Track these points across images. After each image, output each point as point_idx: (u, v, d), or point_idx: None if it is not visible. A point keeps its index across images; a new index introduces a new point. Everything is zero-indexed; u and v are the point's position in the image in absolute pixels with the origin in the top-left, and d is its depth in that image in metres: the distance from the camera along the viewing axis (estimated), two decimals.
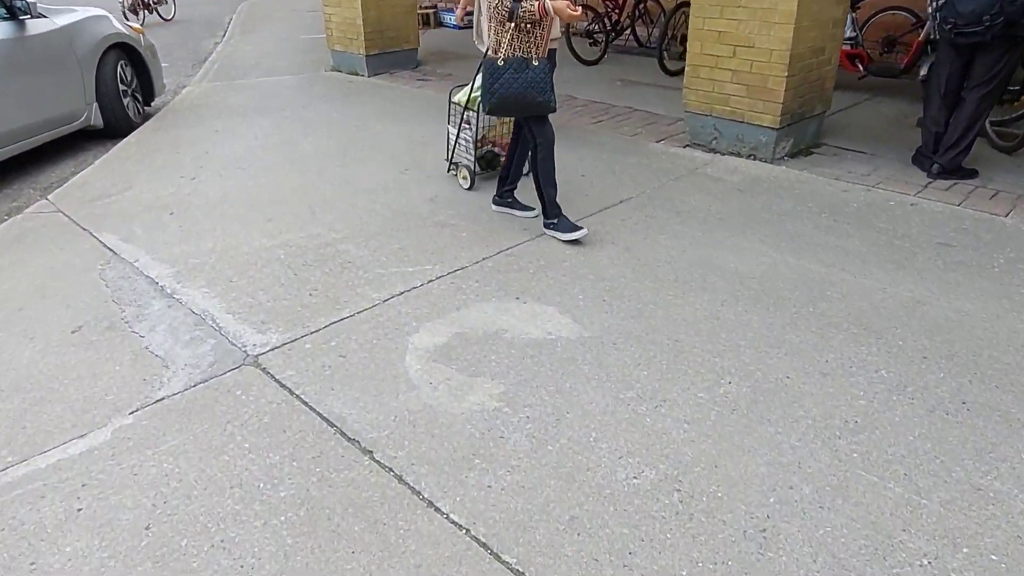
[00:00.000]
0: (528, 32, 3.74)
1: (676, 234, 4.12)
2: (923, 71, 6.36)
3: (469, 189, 4.84)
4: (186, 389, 2.86)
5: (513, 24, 3.69)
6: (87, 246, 4.18)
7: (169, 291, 3.61)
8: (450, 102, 4.90)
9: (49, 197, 5.02)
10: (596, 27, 8.83)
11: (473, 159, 4.79)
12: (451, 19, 11.95)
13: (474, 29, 6.12)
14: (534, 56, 3.80)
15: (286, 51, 10.56)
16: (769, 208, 4.49)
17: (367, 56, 8.49)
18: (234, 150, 5.88)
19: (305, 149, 5.85)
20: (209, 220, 4.48)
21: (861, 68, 6.83)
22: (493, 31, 3.82)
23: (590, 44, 8.89)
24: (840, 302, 3.40)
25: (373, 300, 3.48)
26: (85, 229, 4.42)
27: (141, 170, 5.47)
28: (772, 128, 5.11)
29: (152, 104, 7.47)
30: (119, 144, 6.20)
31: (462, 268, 3.78)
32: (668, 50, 8.01)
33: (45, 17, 6.01)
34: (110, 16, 6.95)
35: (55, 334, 3.27)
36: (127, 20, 17.35)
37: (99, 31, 6.52)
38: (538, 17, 3.67)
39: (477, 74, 4.35)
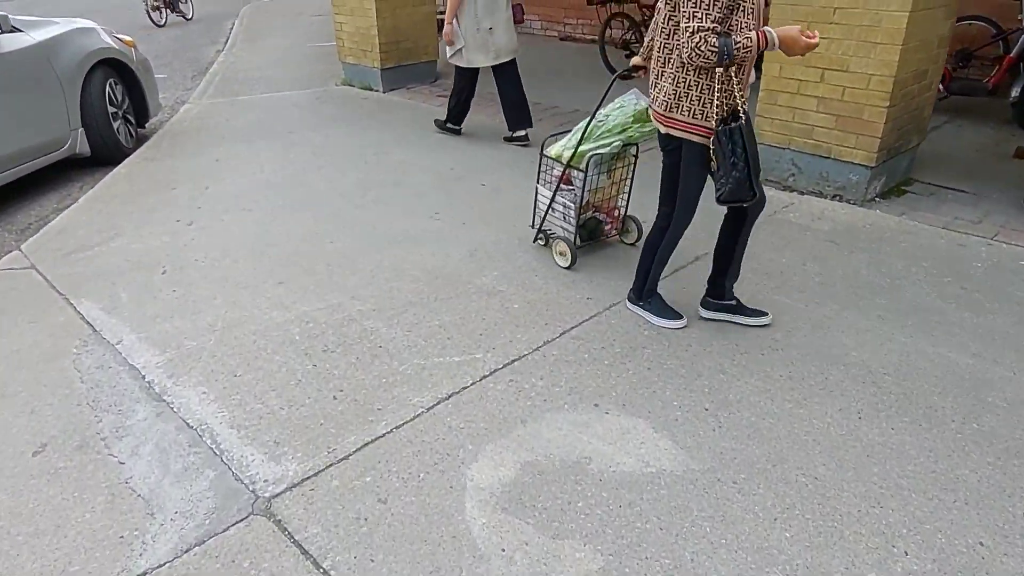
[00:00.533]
0: (731, 77, 2.71)
1: (773, 306, 3.40)
2: (1015, 92, 5.64)
3: (568, 268, 3.81)
4: (175, 557, 2.15)
5: (723, 68, 2.67)
6: (62, 319, 3.47)
7: (158, 390, 2.90)
8: (542, 155, 3.87)
9: (23, 247, 4.32)
10: (632, 36, 8.10)
11: (574, 229, 3.81)
12: None
13: (455, 33, 5.36)
14: (740, 107, 2.75)
15: (292, 61, 9.85)
16: (878, 269, 3.77)
17: (382, 70, 7.78)
18: (237, 185, 5.17)
19: (317, 185, 5.14)
20: (208, 282, 3.77)
21: (941, 88, 6.10)
22: (689, 81, 2.76)
23: (626, 56, 8.16)
24: (1007, 413, 2.68)
25: (415, 407, 2.76)
26: (61, 294, 3.71)
27: (130, 212, 4.76)
28: (865, 166, 4.39)
29: (146, 126, 6.78)
30: (107, 177, 5.50)
31: (520, 357, 3.07)
32: None
33: (20, 31, 5.31)
34: (97, 28, 6.25)
35: (11, 458, 2.57)
36: (150, 19, 16.82)
37: (84, 46, 5.82)
38: (757, 53, 2.67)
39: (587, 124, 3.65)
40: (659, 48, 2.88)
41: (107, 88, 5.98)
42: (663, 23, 2.82)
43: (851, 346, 3.11)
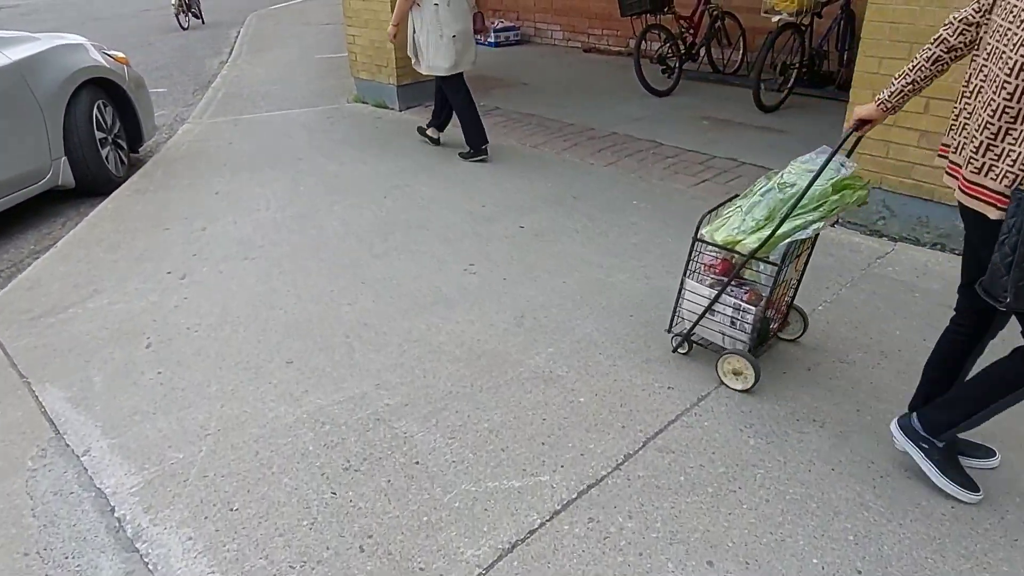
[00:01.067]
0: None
1: (904, 405, 2.68)
2: None
3: (747, 391, 2.79)
4: None
5: None
6: (19, 414, 2.78)
7: (130, 532, 2.21)
8: (696, 239, 2.82)
9: None
10: (669, 50, 7.39)
11: (748, 339, 2.77)
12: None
13: (409, 46, 5.26)
14: None
15: (300, 75, 9.16)
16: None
17: (399, 87, 7.09)
18: (238, 226, 4.48)
19: (331, 226, 4.44)
20: (201, 360, 3.08)
21: None
22: (997, 131, 1.90)
23: (662, 71, 7.46)
24: None
25: (469, 566, 2.06)
26: (23, 376, 3.02)
27: (115, 260, 4.07)
28: None
29: (140, 150, 6.09)
30: (92, 214, 4.82)
31: (598, 481, 2.37)
32: (765, 81, 6.56)
33: None
34: (85, 44, 5.58)
35: None
36: (178, 23, 16.19)
37: (68, 64, 5.14)
38: None
39: (755, 193, 2.70)
40: (1000, 91, 1.88)
41: (95, 111, 5.30)
42: (1012, 51, 1.86)
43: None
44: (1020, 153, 1.85)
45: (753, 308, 2.72)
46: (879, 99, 2.27)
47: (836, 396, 2.76)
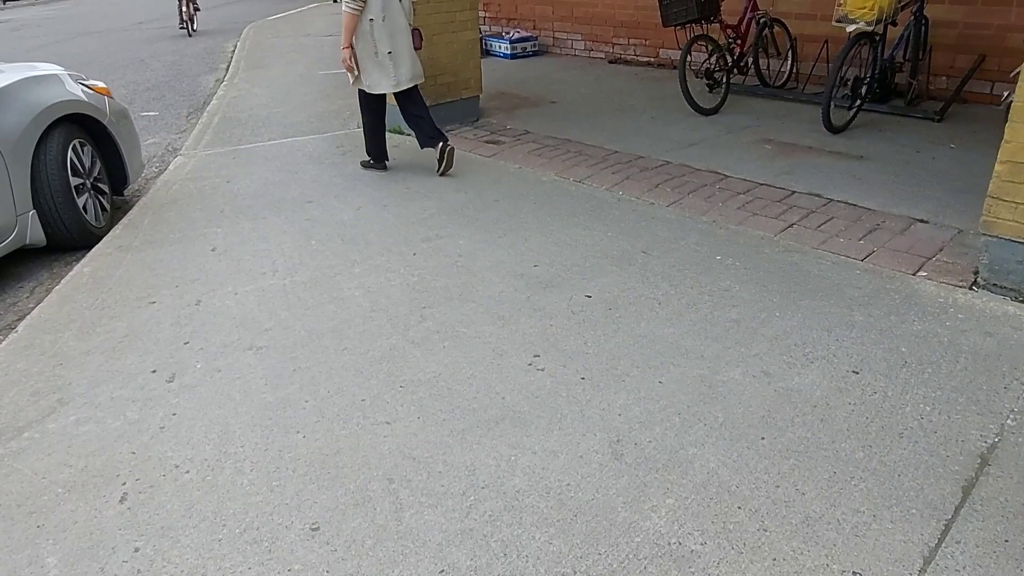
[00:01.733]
0: None
1: None
2: None
3: None
4: None
5: None
6: None
7: None
8: None
9: None
10: (716, 63, 6.54)
11: None
12: (502, 47, 9.68)
13: (356, 62, 4.88)
14: None
15: (304, 95, 8.30)
16: None
17: None
18: (241, 299, 3.62)
19: (353, 297, 3.59)
20: (193, 528, 2.22)
21: None
22: None
23: (708, 87, 6.61)
24: None
25: None
26: None
27: (87, 353, 3.22)
28: None
29: (126, 192, 5.24)
30: (63, 282, 3.96)
31: None
32: (836, 97, 5.72)
33: None
34: (61, 75, 4.74)
35: None
36: (185, 29, 15.39)
37: (38, 101, 4.31)
38: None
39: None
40: None
41: (70, 153, 4.45)
42: None
43: None
44: None
45: None
46: None
47: None
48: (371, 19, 4.71)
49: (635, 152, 5.63)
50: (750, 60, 7.01)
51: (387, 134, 6.20)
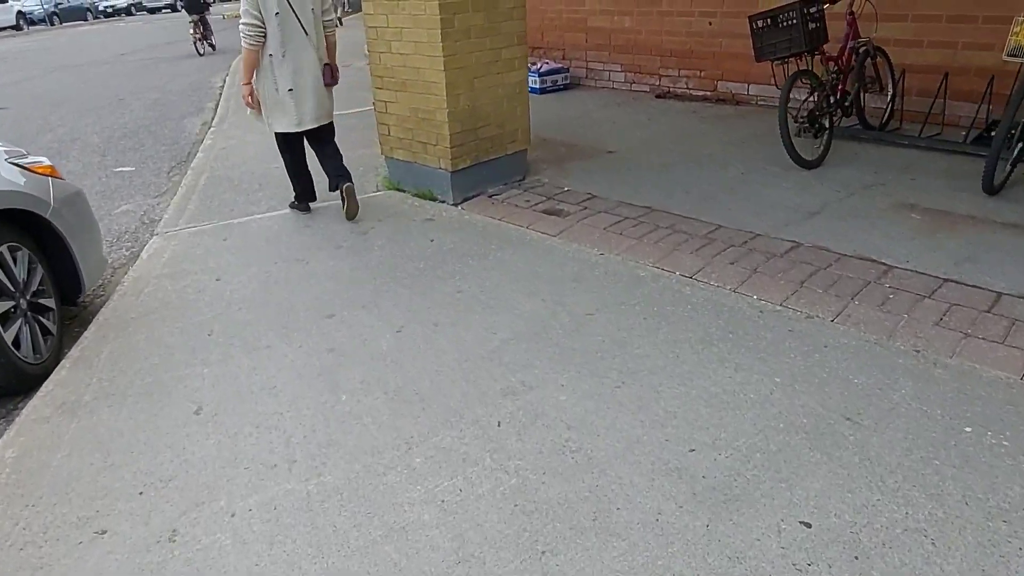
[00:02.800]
0: None
1: None
2: None
3: None
4: None
5: None
6: None
7: None
8: None
9: None
10: (819, 103, 5.22)
11: None
12: (530, 80, 8.31)
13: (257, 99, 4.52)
14: None
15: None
16: None
17: (454, 173, 4.86)
18: (239, 532, 2.25)
19: (423, 530, 2.22)
20: None
21: None
22: None
23: (811, 133, 5.28)
24: None
25: None
26: None
27: None
28: None
29: (81, 299, 3.84)
30: None
31: None
32: (1008, 150, 4.41)
33: None
34: None
35: None
36: (196, 49, 14.37)
37: None
38: None
39: None
40: None
41: None
42: None
43: None
44: None
45: None
46: None
47: None
48: (270, 55, 4.35)
49: (744, 226, 4.29)
50: (852, 98, 5.69)
51: (410, 197, 4.83)
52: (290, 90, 4.44)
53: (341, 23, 19.09)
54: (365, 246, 4.38)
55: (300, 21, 4.35)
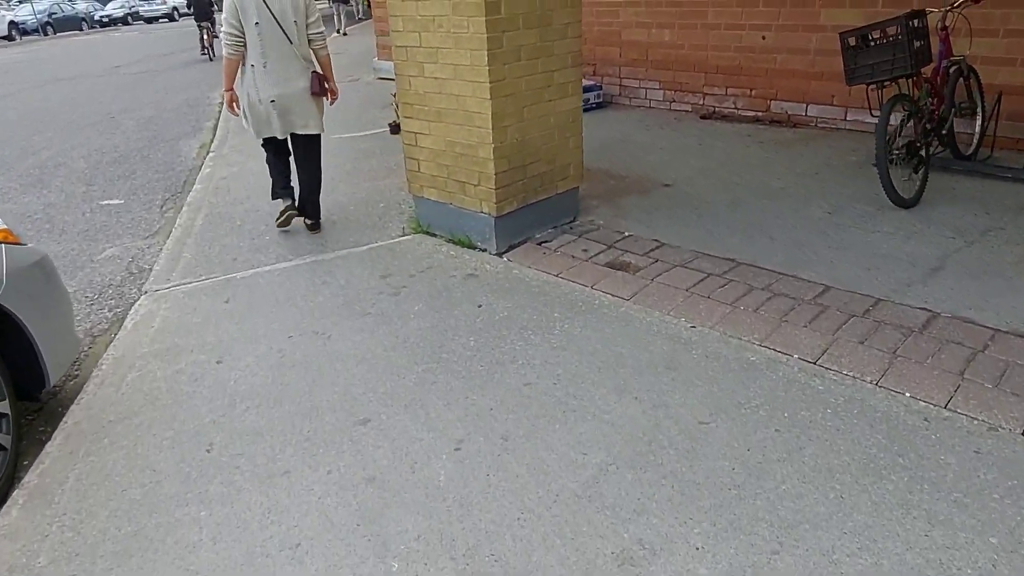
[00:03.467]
0: None
1: None
2: None
3: None
4: None
5: None
6: None
7: None
8: None
9: None
10: (918, 131, 4.43)
11: None
12: None
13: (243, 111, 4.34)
14: None
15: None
16: None
17: (499, 218, 4.05)
18: None
19: None
20: None
21: None
22: None
23: (907, 165, 4.48)
24: None
25: None
26: None
27: None
28: None
29: (45, 391, 3.01)
30: None
31: None
32: None
33: None
34: None
35: None
36: (206, 55, 15.13)
37: None
38: None
39: None
40: None
41: None
42: None
43: None
44: None
45: None
46: None
47: None
48: (252, 64, 4.20)
49: (856, 287, 3.49)
50: (949, 125, 4.90)
51: (443, 243, 4.03)
52: (272, 101, 4.24)
53: (345, 33, 18.29)
54: (398, 312, 3.55)
55: (283, 30, 4.15)
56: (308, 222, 4.67)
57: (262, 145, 4.59)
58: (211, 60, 15.22)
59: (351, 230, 4.72)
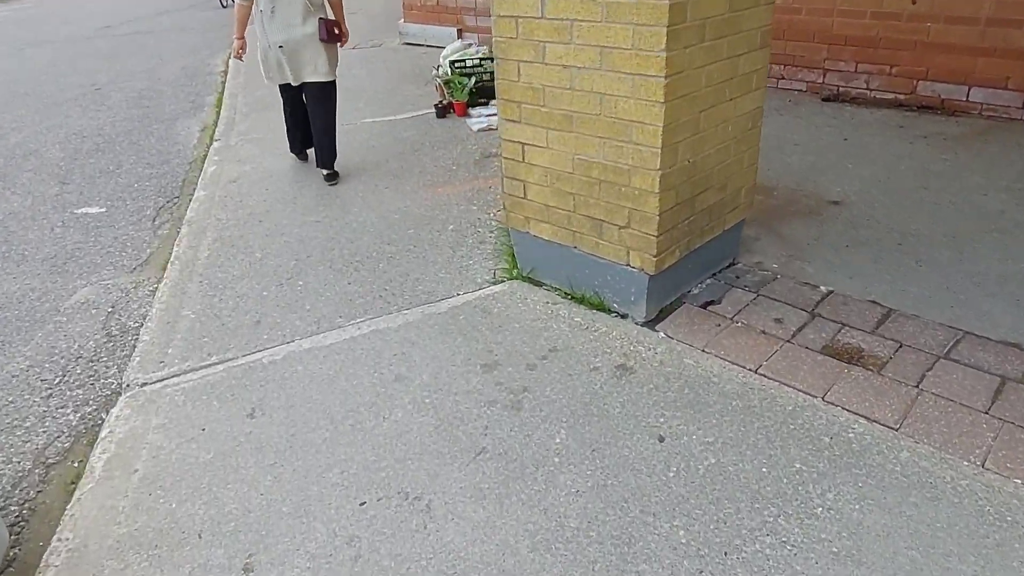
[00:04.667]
0: None
1: None
2: None
3: None
4: None
5: None
6: None
7: None
8: None
9: None
10: None
11: None
12: None
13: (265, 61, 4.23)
14: None
15: (355, 171, 4.64)
16: None
17: (655, 276, 2.59)
18: None
19: None
20: None
21: None
22: None
23: None
24: None
25: None
26: None
27: None
28: None
29: None
30: None
31: None
32: None
33: None
34: None
35: None
36: (220, 2, 13.99)
37: None
38: None
39: None
40: None
41: None
42: None
43: None
44: None
45: None
46: None
47: None
48: (260, 9, 4.12)
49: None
50: None
51: (559, 299, 2.55)
52: (280, 46, 4.12)
53: None
54: (531, 452, 2.14)
55: None
56: (325, 173, 4.42)
57: (280, 94, 4.47)
58: (224, 7, 14.23)
59: (416, 269, 3.28)
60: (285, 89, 4.40)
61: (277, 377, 2.61)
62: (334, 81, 4.28)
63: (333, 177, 4.42)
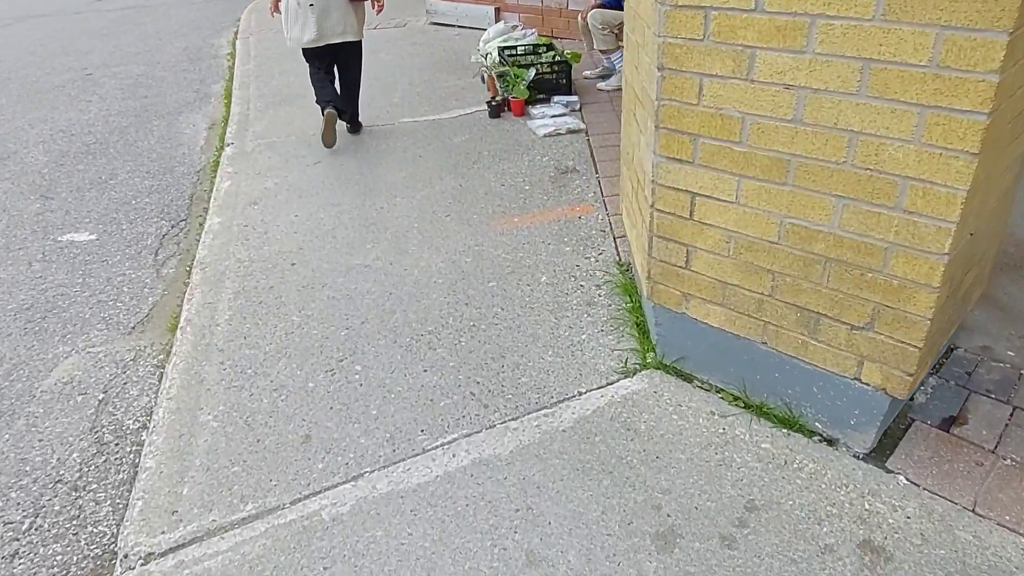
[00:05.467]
0: None
1: None
2: None
3: None
4: None
5: None
6: None
7: None
8: None
9: None
10: None
11: None
12: None
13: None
14: None
15: (401, 195, 3.72)
16: None
17: (896, 399, 1.68)
18: None
19: None
20: None
21: None
22: None
23: None
24: None
25: None
26: None
27: None
28: None
29: None
30: None
31: None
32: None
33: None
34: None
35: None
36: None
37: None
38: None
39: None
40: None
41: None
42: None
43: None
44: None
45: None
46: None
47: None
48: None
49: None
50: None
51: (724, 405, 1.65)
52: (311, 4, 4.00)
53: None
54: None
55: None
56: (348, 125, 4.46)
57: (306, 59, 4.31)
58: None
59: (511, 346, 2.39)
60: (313, 55, 4.27)
61: (347, 550, 1.72)
62: (360, 41, 4.31)
63: (356, 129, 4.51)
